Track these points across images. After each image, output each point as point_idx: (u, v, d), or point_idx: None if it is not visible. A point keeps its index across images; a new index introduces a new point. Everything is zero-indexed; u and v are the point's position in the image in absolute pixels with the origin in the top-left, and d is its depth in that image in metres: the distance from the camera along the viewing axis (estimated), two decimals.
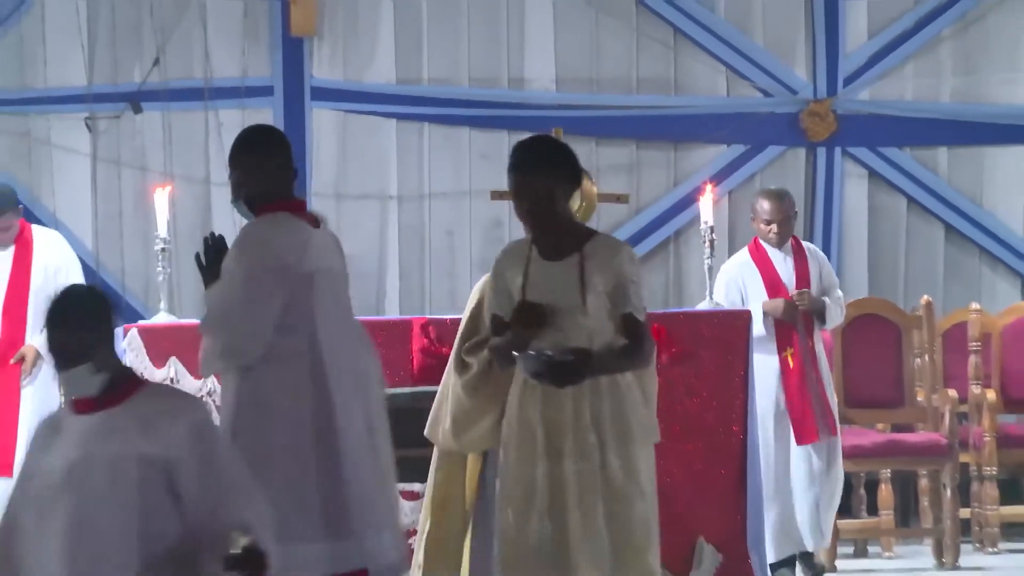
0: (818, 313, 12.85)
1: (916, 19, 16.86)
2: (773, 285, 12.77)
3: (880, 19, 16.95)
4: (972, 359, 14.48)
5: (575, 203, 9.45)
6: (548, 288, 7.94)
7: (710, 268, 13.21)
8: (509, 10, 16.85)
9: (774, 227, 13.06)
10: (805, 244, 13.35)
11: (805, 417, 12.45)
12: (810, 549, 12.71)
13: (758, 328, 12.53)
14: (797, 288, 12.85)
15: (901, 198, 16.96)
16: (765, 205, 13.28)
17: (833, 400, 12.91)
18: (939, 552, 13.69)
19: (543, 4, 16.82)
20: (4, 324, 13.39)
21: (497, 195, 11.32)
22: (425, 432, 9.68)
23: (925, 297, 14.67)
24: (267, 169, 9.27)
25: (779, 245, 13.21)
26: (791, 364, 12.42)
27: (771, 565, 12.48)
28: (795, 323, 12.58)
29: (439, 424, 9.55)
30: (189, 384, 12.15)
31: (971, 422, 14.31)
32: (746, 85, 16.91)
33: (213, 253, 9.36)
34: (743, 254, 13.17)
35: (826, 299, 12.95)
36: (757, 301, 12.69)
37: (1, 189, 13.98)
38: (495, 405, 9.08)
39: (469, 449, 9.49)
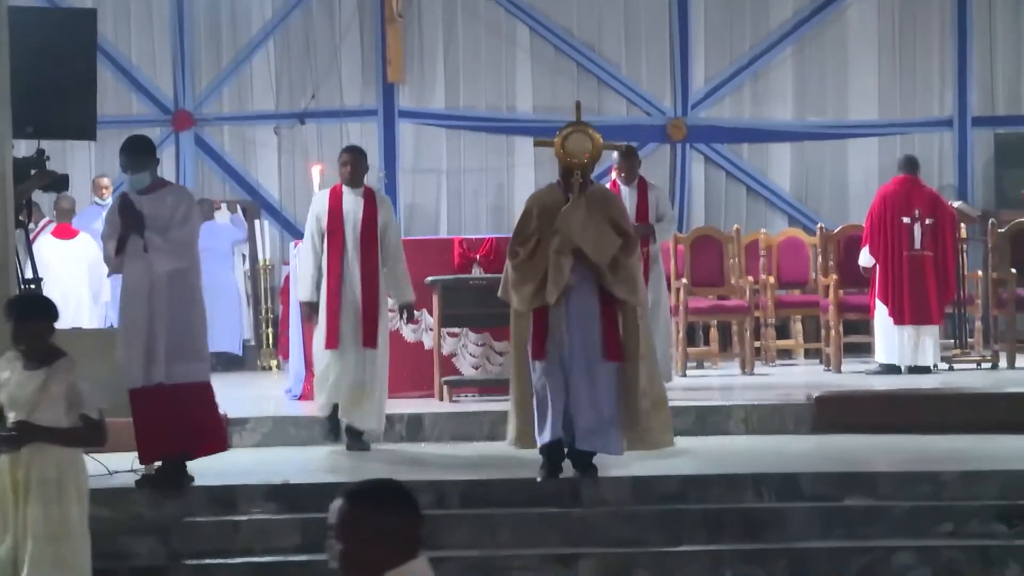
0: (649, 234, 11.73)
1: (730, 73, 16.67)
2: None
3: (711, 73, 16.71)
4: (761, 260, 14.32)
5: (586, 147, 8.83)
6: (19, 388, 6.76)
7: None
8: (506, 70, 16.63)
9: (623, 169, 12.04)
10: (650, 184, 12.20)
11: None
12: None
13: None
14: (636, 214, 11.64)
15: (722, 172, 16.78)
16: (615, 155, 11.97)
17: (660, 288, 11.97)
18: (743, 366, 13.52)
19: (524, 66, 16.67)
20: (362, 251, 10.26)
21: (539, 143, 10.19)
22: (498, 294, 8.86)
23: (735, 226, 14.52)
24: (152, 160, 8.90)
25: (627, 182, 11.96)
26: None
27: None
28: None
29: (507, 291, 8.74)
30: None
31: (761, 294, 14.14)
32: (637, 109, 16.72)
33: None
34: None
35: (654, 224, 11.87)
36: None
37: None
38: (535, 276, 8.55)
39: (524, 306, 8.62)
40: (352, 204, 10.40)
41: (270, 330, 15.25)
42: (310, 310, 10.38)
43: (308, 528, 8.15)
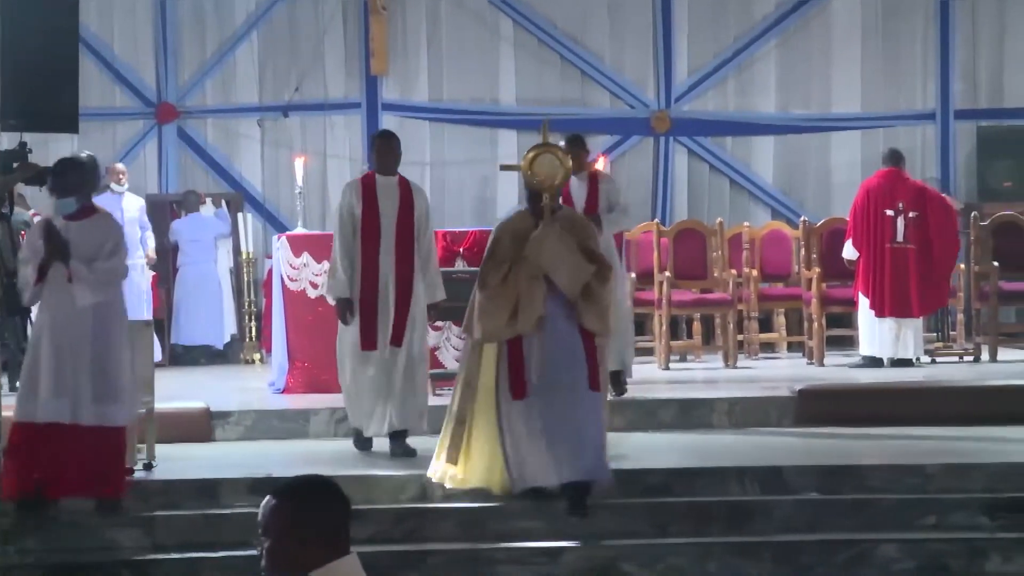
0: (596, 226, 10.26)
1: (714, 66, 16.67)
2: (566, 200, 10.36)
3: (695, 66, 16.71)
4: (744, 253, 14.31)
5: (556, 169, 8.28)
6: None
7: None
8: (490, 62, 16.63)
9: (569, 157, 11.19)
10: (602, 175, 11.38)
11: None
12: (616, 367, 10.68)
13: None
14: (586, 207, 10.80)
15: (705, 165, 16.79)
16: (562, 143, 10.48)
17: (616, 282, 11.41)
18: (726, 358, 13.53)
19: (508, 58, 16.66)
20: (397, 245, 9.62)
21: (505, 167, 10.30)
22: (462, 327, 8.46)
23: (719, 219, 14.47)
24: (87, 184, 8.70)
25: (574, 172, 10.28)
26: None
27: None
28: None
29: (471, 324, 8.23)
30: (314, 266, 11.91)
31: (744, 287, 14.13)
32: (621, 102, 16.72)
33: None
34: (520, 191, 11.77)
35: (603, 216, 10.81)
36: None
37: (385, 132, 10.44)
38: (507, 306, 8.01)
39: (490, 339, 8.10)
40: (387, 194, 9.68)
41: (253, 323, 15.21)
42: (346, 308, 9.60)
43: None
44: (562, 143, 10.49)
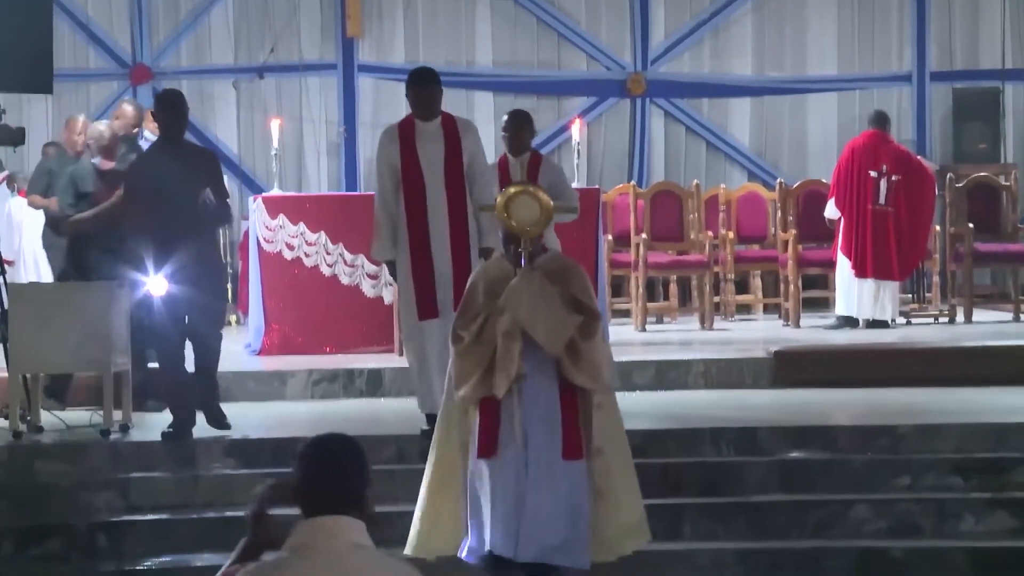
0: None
1: (690, 27, 16.64)
2: (502, 179, 9.25)
3: (671, 28, 16.67)
4: (720, 215, 14.29)
5: (534, 212, 7.14)
6: None
7: (577, 165, 12.96)
8: (466, 24, 16.54)
9: (507, 135, 9.56)
10: (545, 159, 9.80)
11: None
12: None
13: None
14: None
15: (682, 127, 16.76)
16: (503, 119, 9.51)
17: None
18: (702, 320, 13.53)
19: (484, 20, 16.59)
20: (449, 198, 8.60)
21: (482, 208, 8.31)
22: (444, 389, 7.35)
23: (695, 181, 14.43)
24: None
25: (513, 153, 9.57)
26: None
27: None
28: None
29: (450, 385, 7.22)
30: (289, 228, 11.91)
31: (720, 250, 14.12)
32: (597, 64, 16.68)
33: None
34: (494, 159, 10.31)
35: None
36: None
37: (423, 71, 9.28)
38: (482, 362, 7.00)
39: (466, 401, 7.10)
40: (429, 140, 8.59)
41: (229, 285, 15.16)
42: (394, 270, 8.73)
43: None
44: (503, 118, 9.67)
